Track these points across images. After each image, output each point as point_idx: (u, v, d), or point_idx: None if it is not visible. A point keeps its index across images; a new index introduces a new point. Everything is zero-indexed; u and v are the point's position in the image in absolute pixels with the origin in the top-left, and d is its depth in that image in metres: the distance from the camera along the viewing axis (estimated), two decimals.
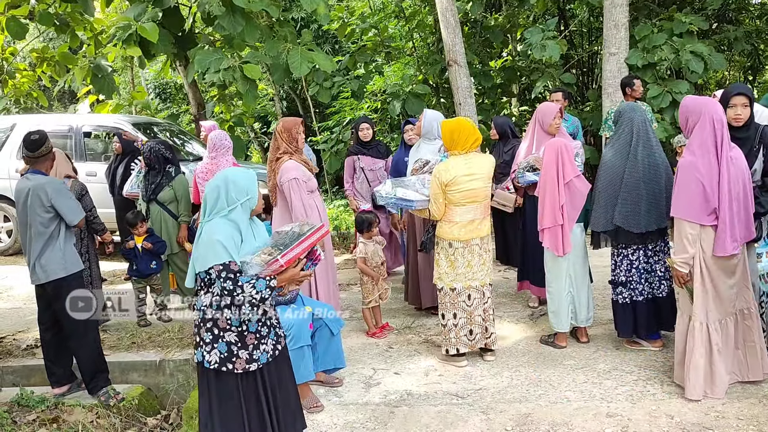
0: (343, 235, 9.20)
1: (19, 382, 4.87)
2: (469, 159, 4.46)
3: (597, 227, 4.50)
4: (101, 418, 4.19)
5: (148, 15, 7.86)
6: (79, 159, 8.29)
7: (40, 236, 4.17)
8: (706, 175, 3.68)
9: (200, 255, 3.01)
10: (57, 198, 4.19)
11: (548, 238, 4.60)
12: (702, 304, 3.83)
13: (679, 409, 3.78)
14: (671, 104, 8.37)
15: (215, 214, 3.07)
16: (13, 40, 9.60)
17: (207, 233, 3.04)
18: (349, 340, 5.13)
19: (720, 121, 3.72)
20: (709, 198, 3.68)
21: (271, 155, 4.78)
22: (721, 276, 3.82)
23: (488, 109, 11.01)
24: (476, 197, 4.46)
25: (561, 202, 4.52)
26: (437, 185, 4.42)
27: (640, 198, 4.28)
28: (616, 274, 4.55)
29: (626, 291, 4.52)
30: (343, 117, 11.53)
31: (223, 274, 2.98)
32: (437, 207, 4.48)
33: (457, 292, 4.54)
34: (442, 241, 4.55)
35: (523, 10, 11.62)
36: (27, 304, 6.74)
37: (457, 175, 4.38)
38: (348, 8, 12.90)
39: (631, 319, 4.56)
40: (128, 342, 5.36)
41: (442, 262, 4.57)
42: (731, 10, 11.06)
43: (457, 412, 3.94)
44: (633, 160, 4.31)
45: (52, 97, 14.93)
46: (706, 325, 3.84)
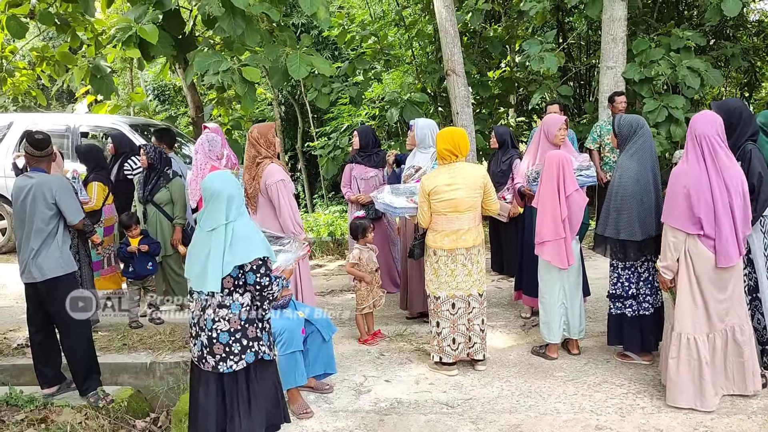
0: (338, 241, 9.21)
1: (9, 381, 4.86)
2: (454, 169, 4.47)
3: (634, 236, 4.28)
4: (90, 419, 4.17)
5: (149, 17, 7.86)
6: (75, 159, 8.28)
7: (39, 233, 4.17)
8: (693, 184, 3.72)
9: (239, 250, 3.10)
10: (62, 196, 4.21)
11: (549, 252, 4.57)
12: (690, 316, 3.85)
13: (668, 423, 3.79)
14: (667, 119, 8.43)
15: (240, 215, 3.19)
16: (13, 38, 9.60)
17: (244, 229, 3.15)
18: (340, 346, 5.13)
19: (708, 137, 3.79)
20: (693, 206, 3.72)
21: (249, 162, 4.62)
22: (712, 290, 3.84)
23: (485, 119, 11.07)
24: (457, 207, 4.45)
25: (563, 215, 4.53)
26: (422, 193, 4.49)
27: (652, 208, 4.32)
28: (617, 288, 4.56)
29: (635, 303, 4.52)
30: (340, 123, 11.56)
31: (262, 270, 3.14)
32: (422, 215, 4.54)
33: (441, 300, 4.55)
34: (428, 249, 4.59)
35: (522, 21, 11.69)
36: (19, 302, 6.71)
37: (439, 185, 4.42)
38: (348, 15, 12.96)
39: (638, 330, 4.55)
40: (119, 343, 5.34)
41: (428, 270, 4.62)
42: (729, 27, 11.16)
43: (447, 421, 3.94)
44: (654, 171, 4.36)
45: (51, 96, 14.92)
46: (694, 338, 3.86)
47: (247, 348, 3.19)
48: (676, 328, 3.92)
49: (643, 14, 10.67)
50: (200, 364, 3.23)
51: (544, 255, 4.62)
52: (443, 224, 4.49)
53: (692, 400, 3.88)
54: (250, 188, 4.59)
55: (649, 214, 4.28)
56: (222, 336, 3.15)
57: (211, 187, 3.20)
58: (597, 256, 6.22)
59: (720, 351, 3.92)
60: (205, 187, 3.24)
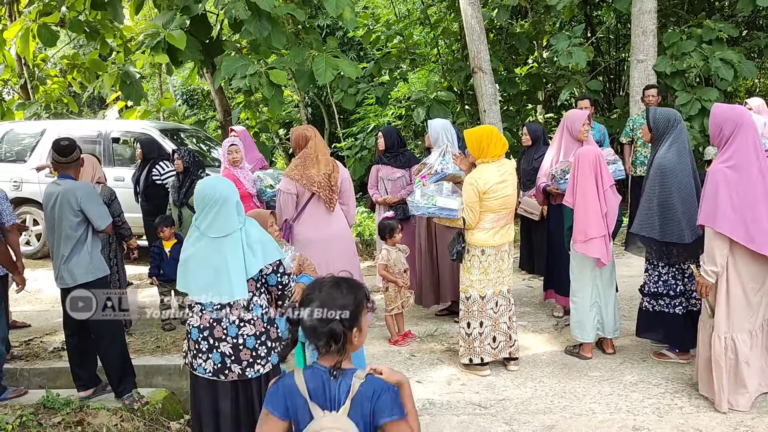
0: (366, 241, 9.20)
1: (46, 384, 4.92)
2: (501, 165, 4.46)
3: (682, 239, 4.16)
4: (125, 422, 4.21)
5: (176, 22, 7.96)
6: (107, 164, 8.39)
7: (68, 240, 4.22)
8: (742, 188, 3.60)
9: (259, 253, 3.06)
10: (87, 202, 4.24)
11: (596, 249, 4.46)
12: (725, 314, 3.74)
13: (707, 423, 3.70)
14: (700, 112, 8.26)
15: (245, 218, 3.16)
16: (45, 46, 9.79)
17: (257, 233, 3.13)
18: (371, 347, 5.12)
19: (756, 131, 3.67)
20: (737, 210, 3.60)
21: (310, 159, 5.00)
22: (751, 284, 3.72)
23: (513, 116, 10.97)
24: (509, 203, 4.47)
25: (604, 210, 4.46)
26: (474, 193, 4.37)
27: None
28: (660, 286, 4.48)
29: (684, 300, 4.45)
30: (367, 123, 11.55)
31: (281, 269, 3.14)
32: (473, 215, 4.42)
33: (487, 299, 4.51)
34: (474, 249, 4.49)
35: (550, 16, 11.56)
36: (55, 306, 6.82)
37: (494, 183, 4.37)
38: (373, 15, 12.95)
39: (690, 327, 4.43)
40: (153, 346, 5.40)
41: (474, 270, 4.51)
42: (762, 17, 10.89)
43: (480, 422, 3.90)
44: (693, 167, 4.27)
45: (82, 103, 15.17)
46: (731, 337, 3.75)
47: (271, 350, 3.13)
48: (715, 327, 3.81)
49: (673, 6, 10.48)
50: (218, 376, 3.08)
51: (593, 252, 4.47)
52: (493, 221, 4.45)
53: (727, 399, 3.78)
54: (326, 181, 4.97)
55: (695, 214, 4.13)
56: (249, 341, 3.07)
57: (214, 193, 3.06)
58: (628, 254, 6.10)
59: (760, 347, 3.82)
60: (206, 193, 3.08)
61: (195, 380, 3.18)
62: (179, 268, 3.17)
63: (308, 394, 1.96)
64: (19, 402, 4.39)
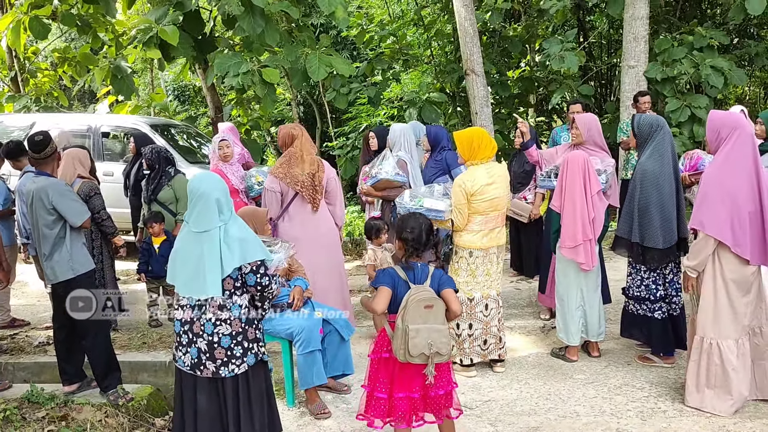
0: (356, 241, 9.21)
1: (30, 378, 4.90)
2: (490, 167, 4.47)
3: (657, 244, 4.25)
4: (110, 417, 4.20)
5: (169, 18, 7.93)
6: (97, 159, 8.32)
7: (47, 238, 4.18)
8: (737, 193, 3.64)
9: (237, 251, 3.02)
10: (58, 200, 4.17)
11: (581, 254, 4.48)
12: (713, 320, 3.79)
13: (690, 427, 3.73)
14: (690, 118, 8.32)
15: (231, 216, 3.12)
16: (36, 39, 9.72)
17: (239, 231, 3.09)
18: (359, 346, 5.12)
19: (753, 137, 3.71)
20: (726, 213, 3.64)
21: (296, 157, 4.98)
22: (737, 293, 3.76)
23: (505, 119, 11.00)
24: (498, 205, 4.48)
25: (591, 216, 4.48)
26: (462, 195, 4.39)
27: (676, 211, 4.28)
28: (641, 290, 4.51)
29: (665, 305, 4.48)
30: (359, 123, 11.55)
31: (261, 270, 3.08)
32: (462, 217, 4.44)
33: (475, 301, 4.52)
34: (462, 251, 4.52)
35: (543, 20, 11.61)
36: (41, 300, 6.80)
37: (482, 185, 4.38)
38: (367, 15, 12.96)
39: (670, 332, 4.52)
40: (139, 342, 5.38)
41: (461, 272, 4.53)
42: (753, 26, 10.98)
43: (466, 423, 3.91)
44: (675, 172, 4.31)
45: (72, 97, 15.08)
46: (717, 343, 3.79)
47: (248, 350, 3.11)
48: (698, 331, 3.85)
49: (665, 13, 10.55)
50: (195, 371, 3.10)
51: (578, 257, 4.50)
52: (482, 224, 4.46)
53: (710, 404, 3.83)
54: (310, 181, 4.93)
55: (672, 220, 4.22)
56: (224, 340, 3.05)
57: (199, 188, 3.09)
58: (616, 257, 6.15)
59: (747, 355, 3.86)
60: (192, 187, 3.13)
61: (177, 372, 3.22)
62: (170, 260, 3.20)
63: (406, 276, 3.25)
64: (3, 396, 4.36)
